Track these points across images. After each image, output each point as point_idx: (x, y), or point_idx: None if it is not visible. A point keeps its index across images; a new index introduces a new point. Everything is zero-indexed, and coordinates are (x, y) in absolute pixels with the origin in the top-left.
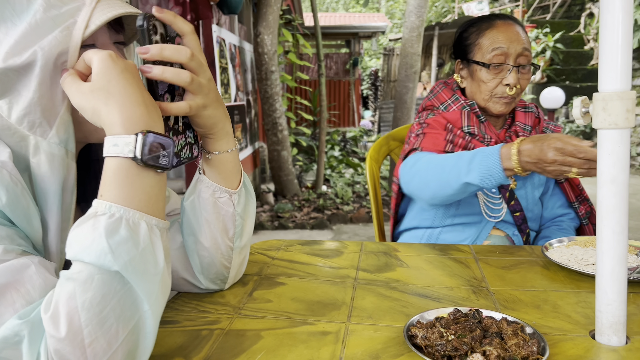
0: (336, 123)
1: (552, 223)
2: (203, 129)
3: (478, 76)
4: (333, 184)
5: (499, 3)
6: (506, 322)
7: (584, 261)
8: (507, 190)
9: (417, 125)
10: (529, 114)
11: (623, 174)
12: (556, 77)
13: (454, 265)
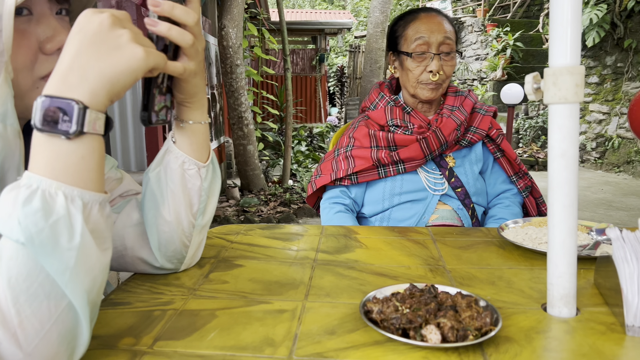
0: (303, 119)
1: (498, 201)
2: (185, 96)
3: (406, 65)
4: (300, 178)
5: (462, 2)
6: (460, 295)
7: (537, 240)
8: (446, 169)
9: (347, 138)
10: (458, 97)
11: (573, 148)
12: (516, 74)
13: (412, 246)
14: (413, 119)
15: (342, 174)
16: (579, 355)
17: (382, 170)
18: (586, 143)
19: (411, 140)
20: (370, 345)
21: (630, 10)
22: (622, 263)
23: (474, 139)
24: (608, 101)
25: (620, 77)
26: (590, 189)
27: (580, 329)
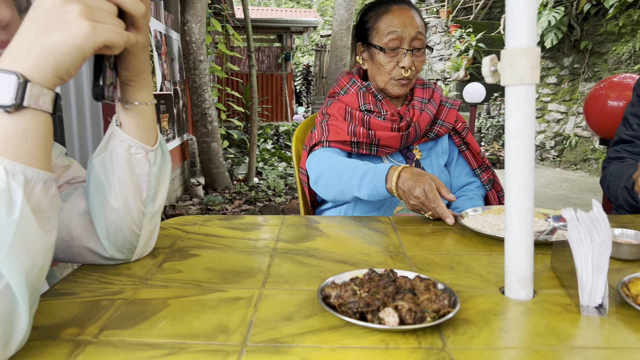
0: (269, 117)
1: (461, 193)
2: (130, 73)
3: (377, 59)
4: (265, 176)
5: (426, 3)
6: (419, 279)
7: (496, 226)
8: (413, 161)
9: (320, 115)
10: (427, 89)
11: (529, 130)
12: (478, 74)
13: (372, 234)
14: (384, 107)
15: (315, 140)
16: (535, 335)
17: (356, 146)
18: (545, 142)
19: (385, 127)
20: (328, 330)
21: (586, 13)
22: (577, 244)
23: (440, 132)
24: (566, 101)
25: (577, 77)
26: (549, 185)
27: (537, 310)
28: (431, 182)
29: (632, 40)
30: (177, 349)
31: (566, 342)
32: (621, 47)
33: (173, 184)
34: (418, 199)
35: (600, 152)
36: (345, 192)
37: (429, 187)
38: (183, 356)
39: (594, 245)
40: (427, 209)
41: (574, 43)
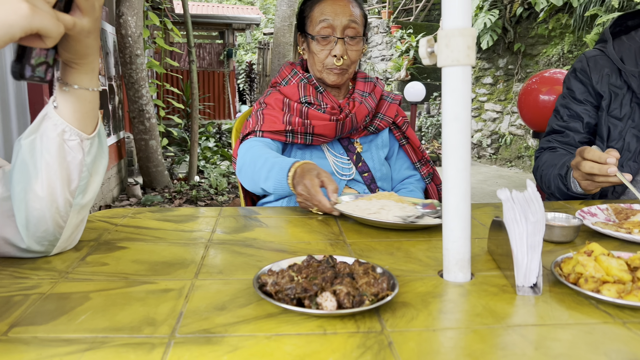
0: (211, 115)
1: (402, 186)
2: (73, 55)
3: (312, 48)
4: (207, 175)
5: (368, 4)
6: (358, 263)
7: (367, 210)
8: (354, 153)
9: (257, 104)
10: (368, 83)
11: (465, 111)
12: (419, 74)
13: (314, 223)
14: (325, 99)
15: (249, 129)
16: (472, 315)
17: (290, 135)
18: (482, 140)
19: (324, 119)
20: (263, 318)
21: (519, 16)
22: (513, 224)
23: (381, 126)
24: (501, 101)
25: (511, 78)
26: (486, 182)
27: (474, 291)
28: (313, 178)
29: (560, 43)
30: (97, 344)
31: (503, 321)
32: (551, 49)
33: (109, 183)
34: (301, 195)
35: (533, 149)
36: (257, 182)
37: (310, 182)
38: (103, 351)
39: (529, 225)
40: (311, 204)
41: (508, 45)
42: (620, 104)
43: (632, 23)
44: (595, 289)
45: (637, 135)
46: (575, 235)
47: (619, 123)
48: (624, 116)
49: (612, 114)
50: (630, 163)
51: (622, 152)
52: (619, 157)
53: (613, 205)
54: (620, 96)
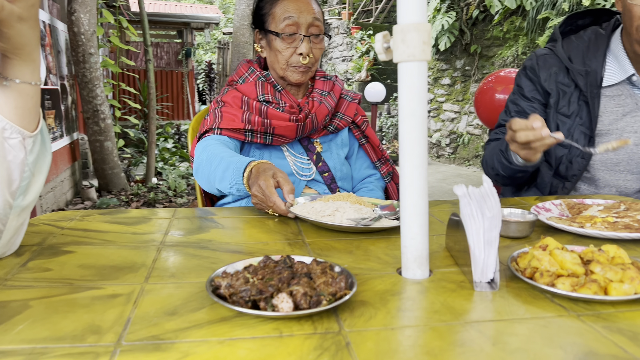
0: (170, 115)
1: (362, 185)
2: (7, 45)
3: (274, 46)
4: (165, 176)
5: (328, 5)
6: (316, 262)
7: (321, 212)
8: (313, 153)
9: (214, 102)
10: (327, 81)
11: (421, 107)
12: (379, 75)
13: (272, 223)
14: (284, 98)
15: (206, 127)
16: (431, 312)
17: (250, 134)
18: (441, 140)
19: (283, 118)
20: (217, 322)
21: (475, 19)
22: (469, 219)
23: (340, 125)
24: (459, 101)
25: (468, 79)
26: (445, 181)
27: (432, 288)
28: (268, 179)
29: (515, 45)
30: (36, 355)
31: (461, 317)
32: (506, 50)
33: (62, 186)
34: (256, 196)
35: None
36: (212, 184)
37: (264, 183)
38: None
39: (485, 221)
40: (266, 206)
41: (465, 46)
42: (568, 102)
43: (582, 22)
44: (550, 283)
45: (584, 132)
46: (530, 230)
47: (567, 120)
48: (572, 113)
49: (560, 111)
50: (579, 159)
51: (571, 148)
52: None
53: (566, 201)
54: (568, 94)
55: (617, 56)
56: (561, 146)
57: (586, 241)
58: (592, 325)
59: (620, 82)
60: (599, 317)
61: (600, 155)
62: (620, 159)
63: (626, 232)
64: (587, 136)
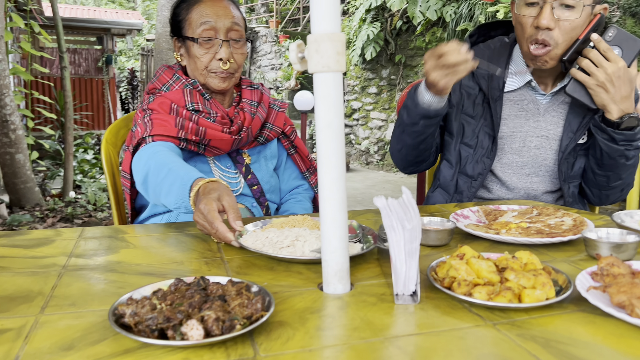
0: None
1: (290, 196)
2: None
3: (192, 52)
4: (85, 190)
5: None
6: (231, 283)
7: (279, 244)
8: (242, 165)
9: (140, 112)
10: (254, 90)
11: (338, 118)
12: (308, 84)
13: (189, 240)
14: (214, 107)
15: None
16: (351, 330)
17: (185, 142)
18: (370, 147)
19: (217, 129)
20: (119, 355)
21: (399, 29)
22: (390, 231)
23: (270, 136)
24: (385, 109)
25: (393, 88)
26: (374, 187)
27: (353, 303)
28: (211, 202)
29: None
30: None
31: (380, 333)
32: None
33: None
34: (197, 222)
35: None
36: (158, 197)
37: (206, 208)
38: None
39: (405, 232)
40: (209, 233)
41: (390, 56)
42: (473, 104)
43: (494, 33)
44: (467, 292)
45: (489, 133)
46: (449, 238)
47: (472, 121)
48: (477, 115)
49: (465, 112)
50: (484, 159)
51: (476, 148)
52: None
53: (483, 207)
54: (472, 96)
55: (518, 63)
56: (478, 69)
57: (502, 247)
58: (507, 334)
59: (521, 87)
60: (514, 325)
61: (505, 157)
62: (525, 162)
63: (538, 238)
64: (491, 137)
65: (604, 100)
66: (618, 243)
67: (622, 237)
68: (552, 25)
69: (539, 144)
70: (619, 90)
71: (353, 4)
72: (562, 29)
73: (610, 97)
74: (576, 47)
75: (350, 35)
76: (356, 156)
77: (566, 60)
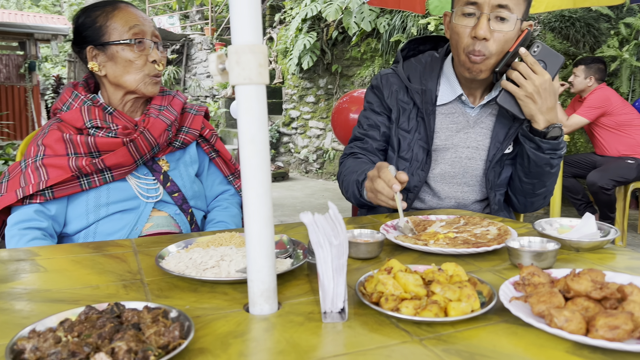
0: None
1: (216, 203)
2: None
3: (123, 57)
4: None
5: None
6: (147, 309)
7: (203, 265)
8: (160, 173)
9: (34, 146)
10: (166, 97)
11: (262, 132)
12: None
13: (107, 261)
14: (116, 120)
15: (33, 190)
16: (275, 354)
17: (85, 181)
18: (309, 156)
19: (116, 144)
20: None
21: (335, 40)
22: (317, 248)
23: (187, 140)
24: (323, 118)
25: (331, 97)
26: (313, 195)
27: (279, 324)
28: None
29: (372, 65)
30: None
31: (306, 355)
32: (364, 70)
33: None
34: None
35: None
36: None
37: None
38: None
39: (333, 249)
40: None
41: (327, 66)
42: (408, 118)
43: (423, 48)
44: (394, 308)
45: (423, 146)
46: (379, 250)
47: (407, 135)
48: (412, 129)
49: (401, 127)
50: (419, 172)
51: (412, 161)
52: (405, 181)
53: (412, 218)
54: (407, 111)
55: (449, 77)
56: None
57: (430, 258)
58: (433, 349)
59: (452, 101)
60: (440, 340)
61: (438, 168)
62: (457, 172)
63: (464, 248)
64: (425, 150)
65: (532, 110)
66: (538, 252)
67: (543, 246)
68: (488, 36)
69: (470, 155)
70: (545, 102)
71: (289, 13)
72: (496, 40)
73: (537, 107)
74: (506, 60)
75: (287, 44)
76: (295, 165)
77: (497, 71)
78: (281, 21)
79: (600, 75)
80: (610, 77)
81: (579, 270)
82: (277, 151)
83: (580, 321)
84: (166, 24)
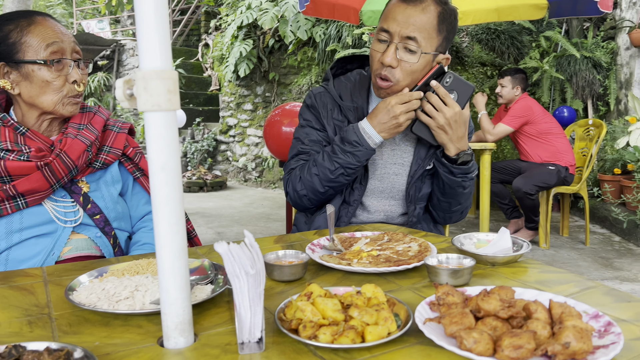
0: None
1: (142, 224)
2: None
3: (39, 77)
4: None
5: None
6: (48, 351)
7: (116, 296)
8: (80, 195)
9: None
10: (86, 114)
11: (173, 160)
12: (181, 100)
13: (12, 294)
14: (29, 141)
15: None
16: None
17: None
18: (247, 164)
19: (29, 168)
20: None
21: (272, 48)
22: (233, 278)
23: (108, 160)
24: (261, 126)
25: (269, 105)
26: (252, 204)
27: (194, 358)
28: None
29: (309, 74)
30: None
31: None
32: (301, 79)
33: None
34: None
35: None
36: None
37: None
38: None
39: (249, 278)
40: None
41: (264, 74)
42: None
43: (350, 67)
44: (312, 335)
45: None
46: (304, 271)
47: None
48: None
49: None
50: (358, 186)
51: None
52: None
53: (339, 235)
54: (342, 128)
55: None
56: None
57: (353, 278)
58: None
59: None
60: None
61: (369, 183)
62: (385, 187)
63: (385, 267)
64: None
65: (444, 139)
66: (455, 269)
67: (460, 262)
68: (394, 64)
69: (396, 171)
70: (455, 132)
71: (225, 19)
72: (403, 69)
73: (448, 137)
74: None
75: (223, 51)
76: (234, 173)
77: None
78: (217, 27)
79: (524, 85)
80: (532, 87)
81: (491, 288)
82: (215, 160)
83: (487, 342)
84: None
